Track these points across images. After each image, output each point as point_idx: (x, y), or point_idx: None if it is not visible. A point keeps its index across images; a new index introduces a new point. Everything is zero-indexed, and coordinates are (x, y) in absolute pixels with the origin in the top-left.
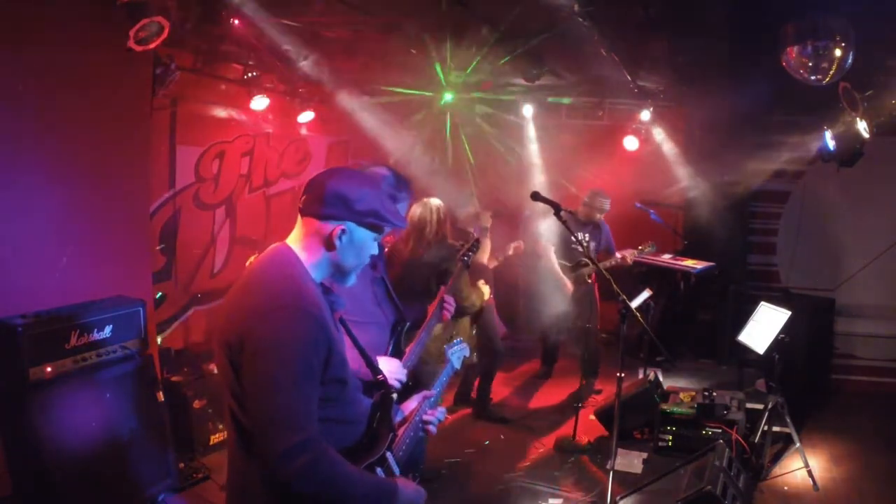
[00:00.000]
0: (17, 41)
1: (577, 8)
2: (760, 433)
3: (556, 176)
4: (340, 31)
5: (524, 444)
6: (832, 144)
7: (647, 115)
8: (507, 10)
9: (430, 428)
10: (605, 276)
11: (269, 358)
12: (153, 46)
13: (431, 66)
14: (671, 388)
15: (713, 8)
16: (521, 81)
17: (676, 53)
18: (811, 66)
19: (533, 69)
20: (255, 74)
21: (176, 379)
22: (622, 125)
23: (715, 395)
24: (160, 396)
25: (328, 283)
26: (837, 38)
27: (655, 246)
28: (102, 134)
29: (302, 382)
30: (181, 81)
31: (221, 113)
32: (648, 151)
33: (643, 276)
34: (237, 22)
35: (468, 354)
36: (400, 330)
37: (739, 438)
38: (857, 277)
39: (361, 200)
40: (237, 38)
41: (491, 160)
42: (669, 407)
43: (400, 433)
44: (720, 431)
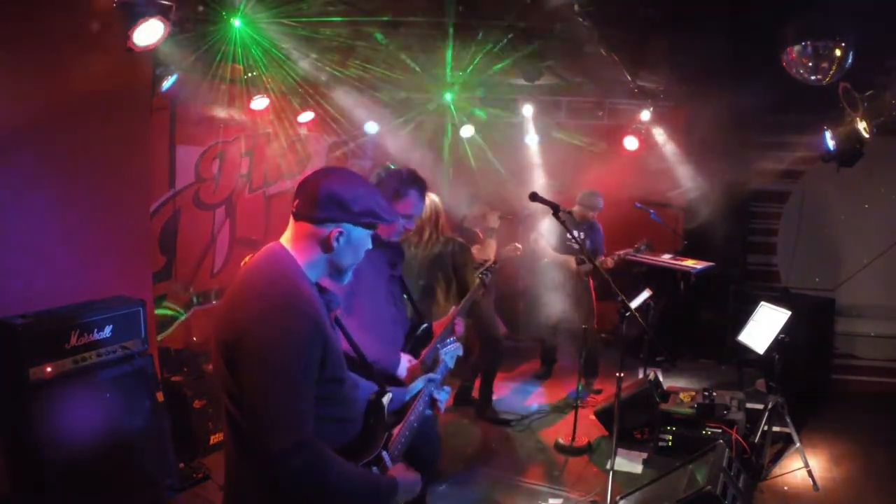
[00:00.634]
0: (17, 41)
1: (577, 8)
2: (760, 433)
3: (555, 176)
4: (341, 30)
5: (524, 444)
6: (832, 144)
7: (647, 115)
8: (507, 10)
9: (438, 406)
10: (603, 276)
11: (264, 358)
12: (153, 46)
13: (432, 65)
14: (671, 388)
15: (713, 7)
16: (521, 81)
17: (676, 53)
18: (811, 65)
19: (533, 69)
20: (255, 74)
21: (176, 379)
22: (622, 125)
23: (715, 395)
24: (160, 396)
25: (324, 281)
26: (837, 37)
27: (651, 244)
28: (102, 134)
29: (298, 382)
30: (181, 81)
31: (221, 113)
32: (648, 151)
33: (643, 276)
34: (237, 22)
35: (461, 354)
36: (419, 331)
37: (739, 438)
38: (857, 277)
39: (357, 201)
40: (238, 37)
41: (491, 160)
42: (669, 407)
43: (396, 432)
44: (720, 431)
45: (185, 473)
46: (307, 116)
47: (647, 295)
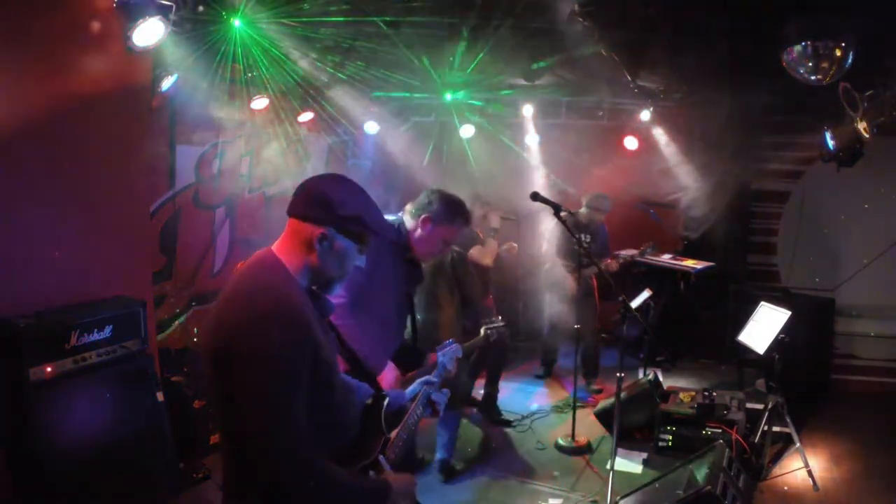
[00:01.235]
0: (17, 41)
1: (577, 8)
2: (760, 433)
3: (555, 176)
4: (341, 30)
5: (524, 444)
6: (832, 144)
7: (647, 115)
8: (507, 9)
9: (437, 407)
10: (605, 277)
11: (254, 368)
12: (153, 46)
13: (432, 65)
14: (671, 388)
15: (713, 8)
16: (521, 81)
17: (676, 53)
18: (811, 65)
19: (533, 69)
20: (255, 74)
21: (176, 379)
22: (622, 125)
23: (715, 395)
24: (160, 396)
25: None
26: (837, 37)
27: (656, 246)
28: (102, 134)
29: (289, 390)
30: (181, 81)
31: (221, 113)
32: (649, 151)
33: (643, 276)
34: (237, 22)
35: (461, 355)
36: (410, 350)
37: (739, 438)
38: (857, 277)
39: (344, 205)
40: (237, 37)
41: (491, 160)
42: (669, 407)
43: (393, 435)
44: (720, 431)
45: (185, 473)
46: (307, 116)
47: (647, 295)
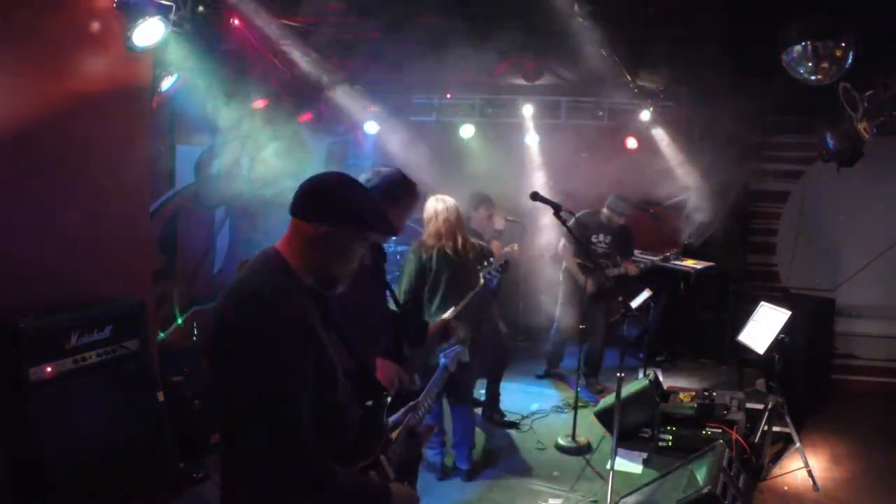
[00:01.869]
0: (17, 41)
1: (577, 8)
2: (760, 433)
3: (555, 176)
4: (340, 30)
5: (524, 444)
6: (832, 144)
7: (647, 115)
8: (507, 10)
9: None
10: (600, 278)
11: (256, 367)
12: (153, 46)
13: (432, 65)
14: (671, 388)
15: (713, 8)
16: (521, 81)
17: (676, 53)
18: (811, 65)
19: (533, 69)
20: (255, 74)
21: (176, 379)
22: (622, 125)
23: (715, 395)
24: (160, 396)
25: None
26: (838, 37)
27: (679, 254)
28: (102, 133)
29: (290, 389)
30: (181, 81)
31: (221, 113)
32: (649, 151)
33: (643, 276)
34: (237, 22)
35: (464, 356)
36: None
37: (739, 438)
38: (857, 277)
39: (344, 202)
40: (237, 37)
41: (492, 160)
42: (669, 407)
43: (394, 435)
44: (720, 431)
45: (185, 473)
46: (307, 116)
47: (647, 295)
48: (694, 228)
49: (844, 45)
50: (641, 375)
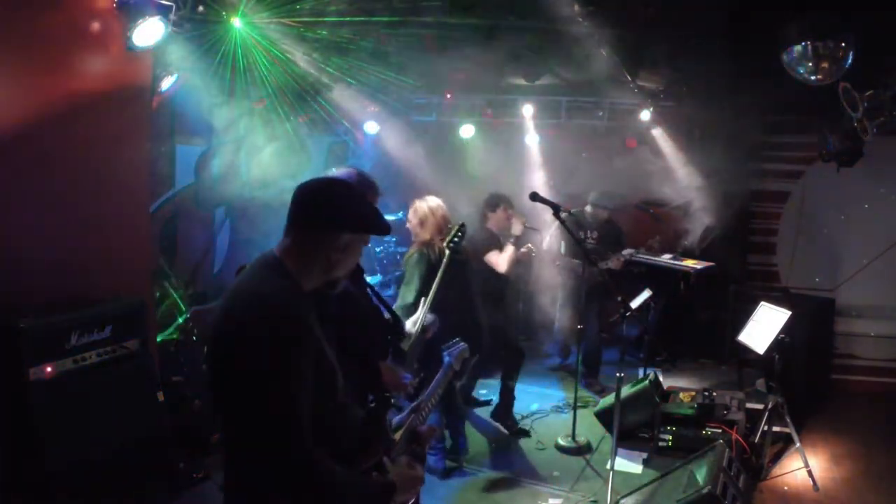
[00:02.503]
0: (17, 41)
1: (577, 8)
2: (760, 433)
3: (555, 176)
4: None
5: (524, 444)
6: (832, 144)
7: (647, 115)
8: (507, 10)
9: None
10: (604, 277)
11: (257, 368)
12: (153, 46)
13: (432, 65)
14: (671, 388)
15: (713, 7)
16: (521, 81)
17: (676, 53)
18: (811, 65)
19: (533, 69)
20: (254, 74)
21: (176, 379)
22: (622, 125)
23: (715, 395)
24: (160, 396)
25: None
26: (837, 37)
27: (661, 242)
28: (102, 133)
29: (291, 390)
30: (181, 81)
31: (222, 113)
32: (648, 152)
33: (643, 276)
34: (237, 22)
35: (469, 356)
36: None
37: (739, 438)
38: (857, 277)
39: (341, 207)
40: (237, 37)
41: (490, 160)
42: (669, 407)
43: (397, 437)
44: (720, 431)
45: (185, 473)
46: (307, 116)
47: (647, 295)
48: (697, 235)
49: (844, 45)
50: (641, 375)
